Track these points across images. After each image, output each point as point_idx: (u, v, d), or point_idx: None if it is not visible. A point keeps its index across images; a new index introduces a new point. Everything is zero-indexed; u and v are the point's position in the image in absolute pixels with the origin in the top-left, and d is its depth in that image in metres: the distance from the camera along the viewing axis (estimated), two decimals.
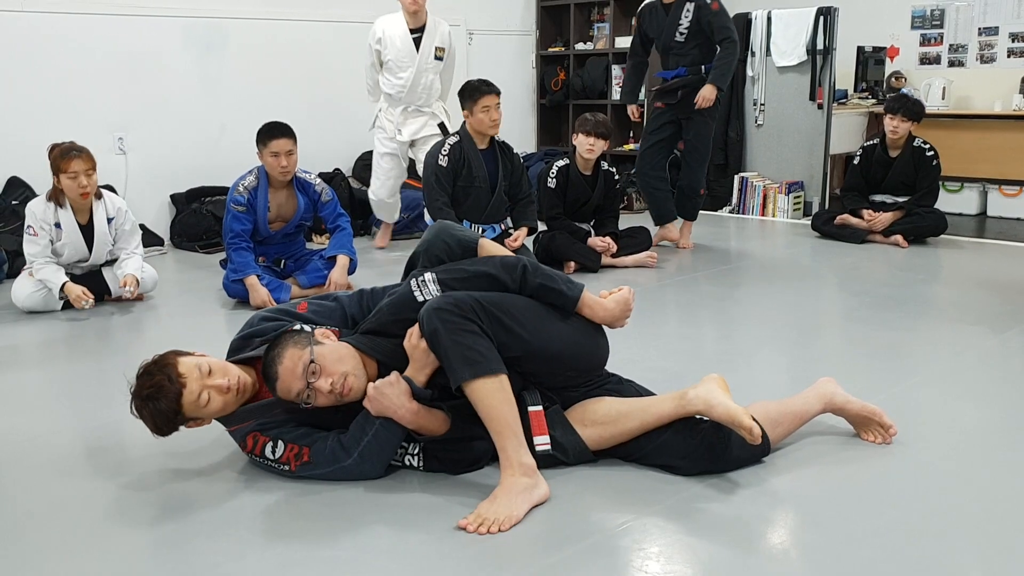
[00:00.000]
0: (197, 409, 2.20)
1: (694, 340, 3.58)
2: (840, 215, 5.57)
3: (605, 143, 4.81)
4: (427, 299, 2.19)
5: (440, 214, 4.46)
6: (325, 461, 2.22)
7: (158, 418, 2.19)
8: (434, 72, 5.23)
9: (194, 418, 2.24)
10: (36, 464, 2.43)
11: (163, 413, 2.18)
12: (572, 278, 2.36)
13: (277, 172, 4.16)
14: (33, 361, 3.45)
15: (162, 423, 2.21)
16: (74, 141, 4.03)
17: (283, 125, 4.20)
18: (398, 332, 2.24)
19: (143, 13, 5.46)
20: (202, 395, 2.18)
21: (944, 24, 7.07)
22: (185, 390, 2.17)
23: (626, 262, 4.86)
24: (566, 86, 7.64)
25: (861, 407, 2.48)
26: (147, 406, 2.18)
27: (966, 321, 3.72)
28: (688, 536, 1.99)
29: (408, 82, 5.15)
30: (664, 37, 5.21)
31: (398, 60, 5.15)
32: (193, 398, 2.17)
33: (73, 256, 4.12)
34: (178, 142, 5.70)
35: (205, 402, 2.19)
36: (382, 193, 5.41)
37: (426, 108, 5.28)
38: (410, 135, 5.27)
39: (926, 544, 1.94)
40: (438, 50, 5.20)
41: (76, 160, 3.91)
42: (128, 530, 2.06)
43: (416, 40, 5.15)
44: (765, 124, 6.72)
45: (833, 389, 2.52)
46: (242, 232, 4.16)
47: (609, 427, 2.28)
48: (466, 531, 1.98)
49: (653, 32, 5.30)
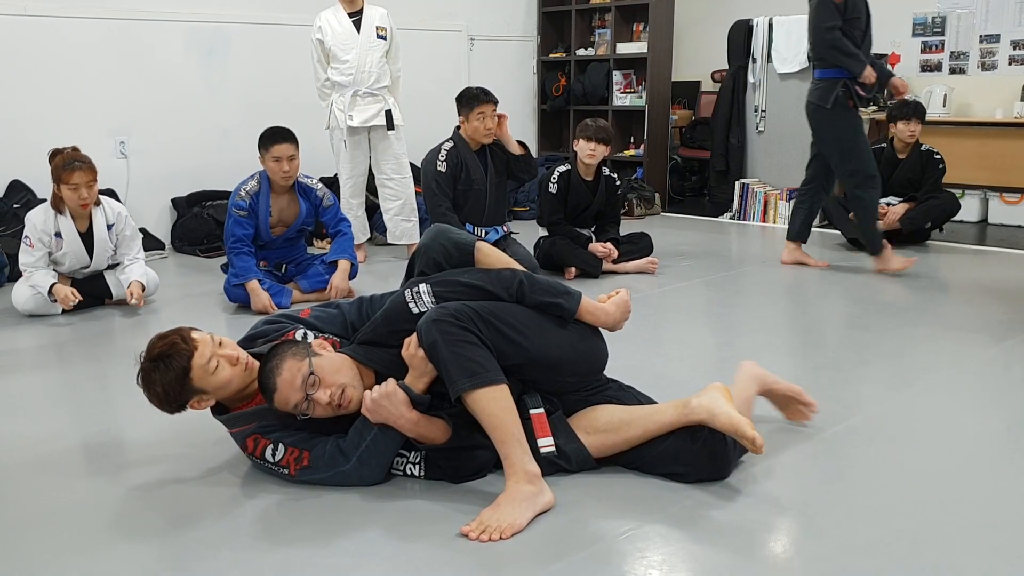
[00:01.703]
0: (205, 376, 2.19)
1: (695, 347, 3.58)
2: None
3: (606, 148, 4.81)
4: (422, 311, 2.19)
5: (444, 219, 4.46)
6: (324, 465, 2.22)
7: (167, 383, 2.17)
8: (379, 52, 5.15)
9: (201, 391, 2.22)
10: (36, 469, 2.43)
11: (173, 374, 2.16)
12: (570, 285, 2.35)
13: (279, 177, 4.16)
14: (33, 365, 3.45)
15: (170, 389, 2.18)
16: (77, 147, 4.02)
17: (285, 130, 4.19)
18: (394, 343, 2.25)
19: (145, 18, 5.47)
20: (211, 360, 2.19)
21: (945, 31, 7.08)
22: (197, 352, 2.18)
23: (627, 268, 4.86)
24: (567, 92, 7.65)
25: (787, 387, 2.60)
26: (157, 368, 2.17)
27: (967, 329, 3.72)
28: (691, 544, 1.98)
29: (354, 64, 5.09)
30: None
31: (341, 44, 5.09)
32: (203, 361, 2.18)
33: (75, 264, 4.12)
34: (180, 146, 5.71)
35: (214, 368, 2.19)
36: (345, 191, 5.29)
37: (377, 92, 5.17)
38: (361, 121, 5.14)
39: (929, 553, 1.94)
40: (379, 29, 5.16)
41: (78, 172, 3.91)
42: (129, 536, 2.05)
43: (356, 23, 5.13)
44: (766, 130, 6.72)
45: (761, 370, 2.62)
46: (244, 237, 4.16)
47: (612, 435, 2.28)
48: (468, 538, 1.98)
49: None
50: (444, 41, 6.97)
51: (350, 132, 5.16)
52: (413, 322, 2.18)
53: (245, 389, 2.32)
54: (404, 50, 5.39)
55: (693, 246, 5.67)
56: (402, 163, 5.33)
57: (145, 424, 2.71)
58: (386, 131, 5.20)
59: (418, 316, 2.18)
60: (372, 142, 5.28)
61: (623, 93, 7.36)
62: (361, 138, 5.25)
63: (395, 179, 5.31)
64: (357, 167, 5.29)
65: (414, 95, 6.69)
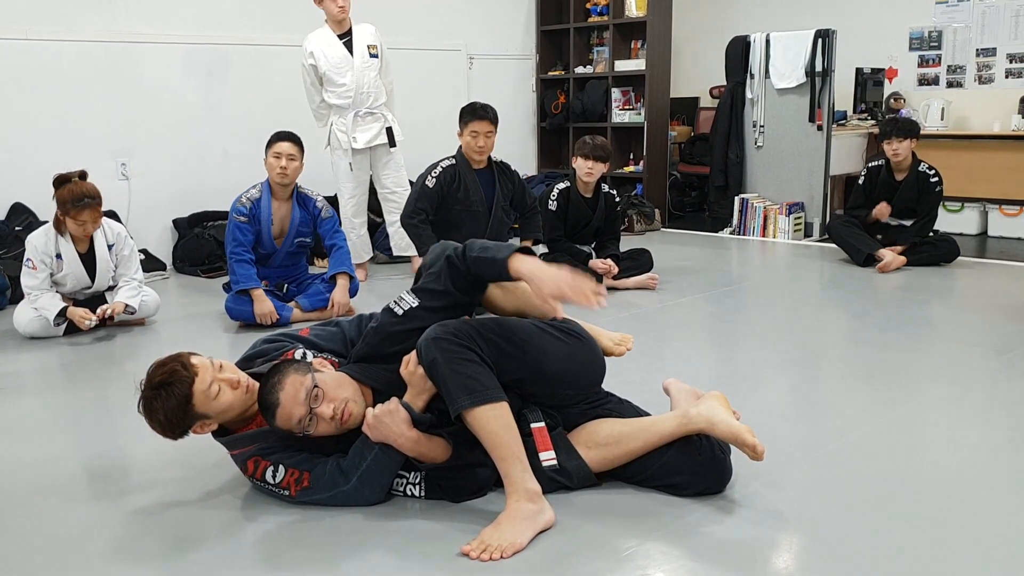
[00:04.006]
0: (207, 401, 2.19)
1: (695, 362, 3.57)
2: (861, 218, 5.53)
3: (604, 166, 4.82)
4: (405, 309, 2.23)
5: (414, 230, 4.55)
6: (324, 486, 2.22)
7: (169, 410, 2.16)
8: (374, 72, 5.18)
9: (203, 416, 2.22)
10: (38, 492, 2.42)
11: (175, 401, 2.16)
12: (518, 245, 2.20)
13: (275, 173, 4.20)
14: (35, 387, 3.45)
15: (172, 416, 2.18)
16: (84, 171, 4.00)
17: (290, 132, 4.29)
18: (388, 351, 2.26)
19: (145, 40, 5.50)
20: (213, 386, 2.19)
21: (942, 45, 7.12)
22: (197, 378, 2.18)
23: (627, 284, 4.86)
24: (566, 109, 7.68)
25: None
26: (159, 396, 2.16)
27: (968, 342, 3.71)
28: (693, 562, 1.97)
29: (352, 86, 5.12)
30: None
31: (335, 68, 5.10)
32: (204, 387, 2.18)
33: (76, 285, 4.13)
34: (180, 168, 5.73)
35: (215, 393, 2.19)
36: (347, 211, 5.31)
37: (376, 111, 5.21)
38: (365, 142, 5.19)
39: (933, 568, 1.93)
40: (370, 48, 5.18)
41: (87, 211, 3.93)
42: (130, 559, 2.05)
43: (347, 44, 5.15)
44: (765, 146, 6.74)
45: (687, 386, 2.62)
46: (244, 242, 4.18)
47: (613, 448, 2.27)
48: (469, 557, 1.97)
49: None
50: (444, 60, 7.01)
51: (354, 153, 5.19)
52: (400, 324, 2.22)
53: (246, 411, 2.32)
54: (403, 69, 5.42)
55: (693, 262, 5.67)
56: (402, 176, 5.39)
57: (146, 447, 2.71)
58: (388, 148, 5.23)
59: (403, 316, 2.23)
60: (373, 159, 5.31)
61: (622, 110, 7.39)
62: (363, 157, 5.28)
63: (397, 192, 5.35)
64: (359, 186, 5.32)
65: (414, 114, 6.73)
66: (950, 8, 7.04)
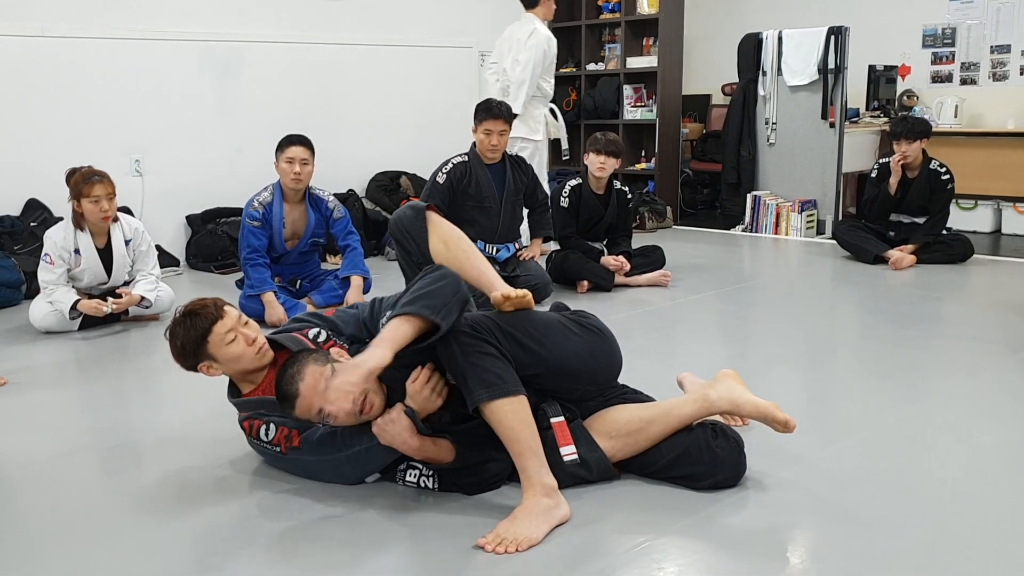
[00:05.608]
0: (220, 345, 2.39)
1: (707, 359, 3.57)
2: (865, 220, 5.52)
3: (616, 161, 4.82)
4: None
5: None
6: (311, 448, 2.28)
7: (188, 336, 2.38)
8: None
9: (212, 357, 2.40)
10: (52, 486, 2.44)
11: (195, 332, 2.38)
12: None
13: (289, 178, 4.20)
14: (49, 381, 3.47)
15: (188, 344, 2.39)
16: (92, 166, 4.07)
17: (302, 136, 4.29)
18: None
19: (160, 37, 5.53)
20: (230, 333, 2.40)
21: (956, 42, 7.08)
22: (221, 321, 2.40)
23: (639, 281, 4.86)
24: (578, 106, 7.68)
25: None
26: (183, 323, 2.40)
27: (982, 339, 3.70)
28: (708, 555, 1.98)
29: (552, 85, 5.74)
30: None
31: (553, 62, 5.63)
32: (224, 329, 2.39)
33: (93, 280, 4.16)
34: (194, 164, 5.75)
35: (231, 340, 2.39)
36: None
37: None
38: (544, 134, 5.79)
39: (948, 563, 1.93)
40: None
41: (98, 185, 3.97)
42: (145, 554, 2.06)
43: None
44: (777, 143, 6.73)
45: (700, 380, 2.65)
46: (258, 247, 4.20)
47: (634, 436, 2.27)
48: (484, 550, 1.98)
49: None
50: (455, 58, 7.01)
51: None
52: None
53: (254, 373, 2.46)
54: (414, 66, 5.50)
55: (705, 259, 5.67)
56: None
57: (161, 442, 2.74)
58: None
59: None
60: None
61: (634, 107, 7.39)
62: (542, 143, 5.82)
63: None
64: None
65: (426, 112, 6.75)
66: (964, 5, 7.00)
